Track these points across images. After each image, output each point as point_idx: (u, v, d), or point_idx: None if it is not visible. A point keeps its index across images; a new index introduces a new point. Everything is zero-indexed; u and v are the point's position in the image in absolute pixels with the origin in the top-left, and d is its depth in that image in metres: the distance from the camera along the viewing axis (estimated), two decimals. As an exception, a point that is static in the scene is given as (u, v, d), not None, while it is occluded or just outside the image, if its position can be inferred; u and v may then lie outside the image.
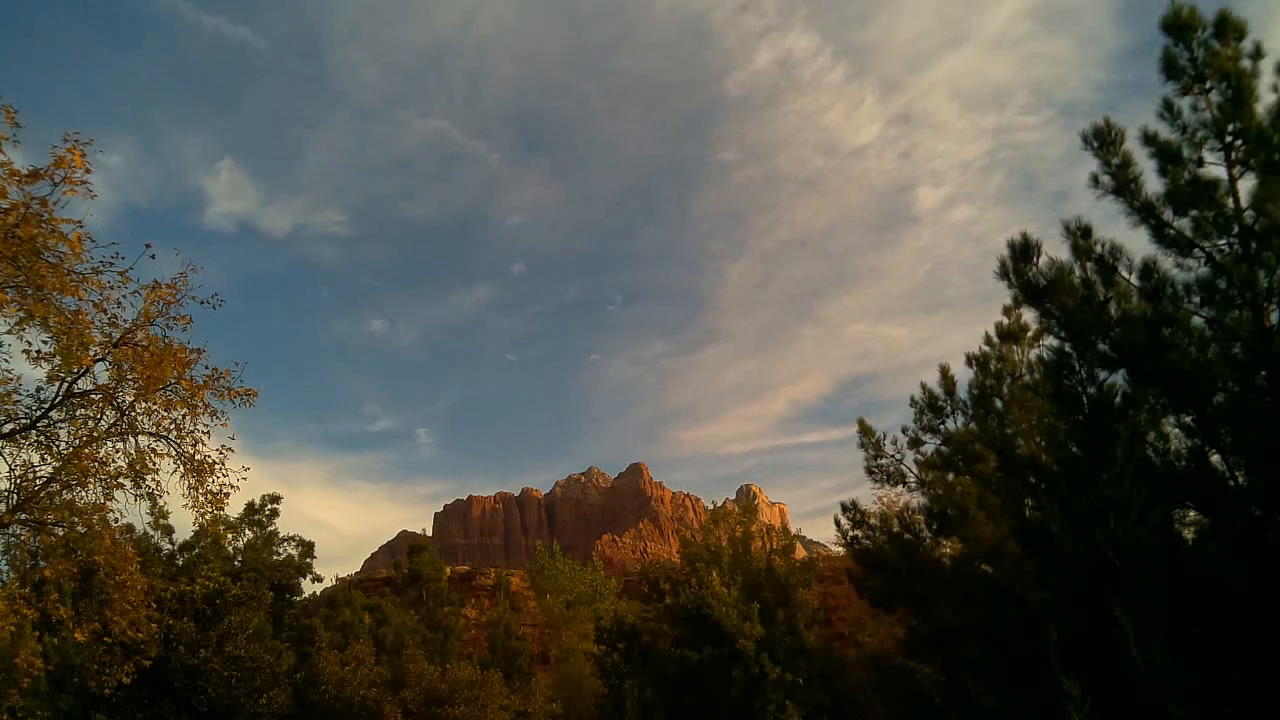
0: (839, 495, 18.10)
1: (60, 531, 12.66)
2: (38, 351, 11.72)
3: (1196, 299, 9.81)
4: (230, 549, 27.26)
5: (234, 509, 28.55)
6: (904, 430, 16.30)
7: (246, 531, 28.29)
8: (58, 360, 11.80)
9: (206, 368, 13.03)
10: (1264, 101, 9.52)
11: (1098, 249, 10.48)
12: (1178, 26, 9.80)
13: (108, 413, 12.53)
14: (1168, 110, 9.89)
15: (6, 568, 13.66)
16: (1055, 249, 10.95)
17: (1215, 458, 9.86)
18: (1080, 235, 10.63)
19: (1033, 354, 15.01)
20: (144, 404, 12.54)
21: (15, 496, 12.34)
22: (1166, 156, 9.92)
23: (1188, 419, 9.94)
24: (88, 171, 11.40)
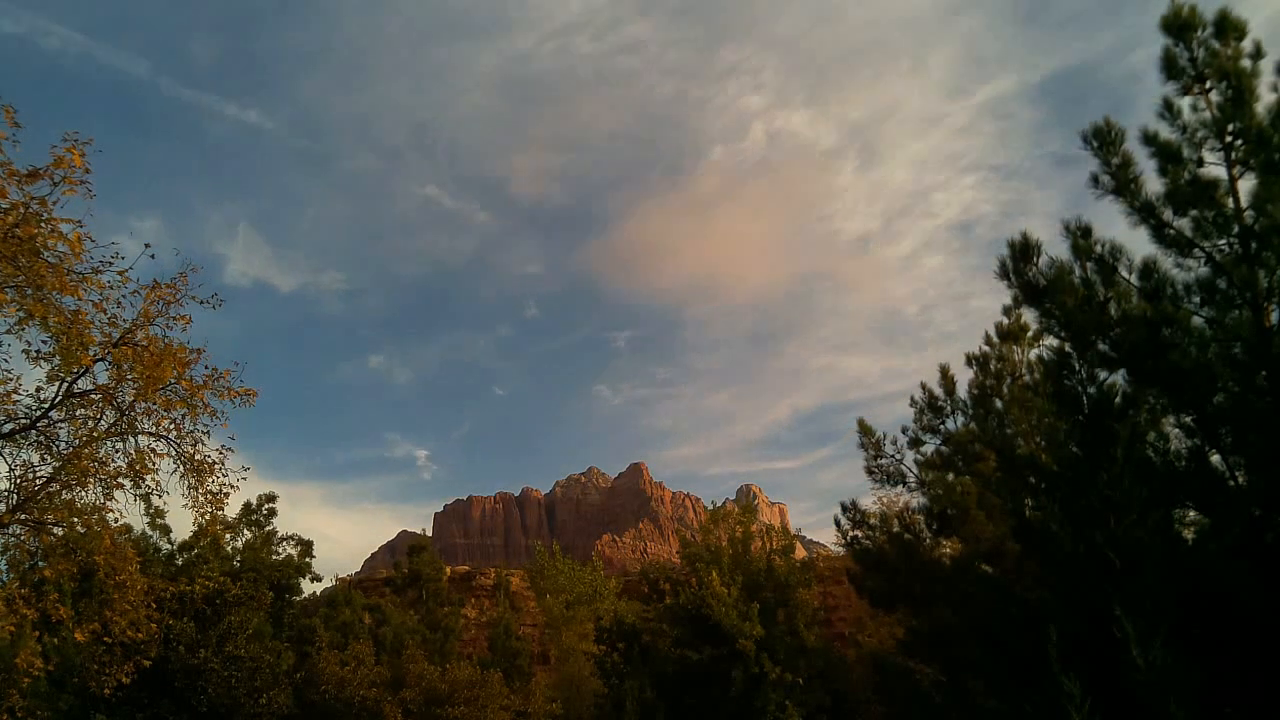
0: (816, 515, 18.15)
1: (60, 531, 12.65)
2: (37, 351, 11.71)
3: (1196, 299, 9.81)
4: (229, 549, 27.24)
5: (232, 509, 28.56)
6: (904, 430, 16.30)
7: (245, 531, 28.27)
8: (57, 360, 11.79)
9: (206, 367, 13.03)
10: (1264, 101, 9.52)
11: (1098, 249, 10.48)
12: (1178, 26, 9.80)
13: (107, 413, 12.52)
14: (1168, 110, 9.89)
15: (6, 568, 13.67)
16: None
17: (1215, 458, 9.86)
18: (1080, 235, 10.62)
19: (1033, 354, 15.02)
20: (144, 404, 12.53)
21: (15, 496, 12.33)
22: (1166, 156, 9.92)
23: (1188, 419, 9.94)
24: (87, 171, 11.40)
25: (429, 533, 55.23)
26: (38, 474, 12.47)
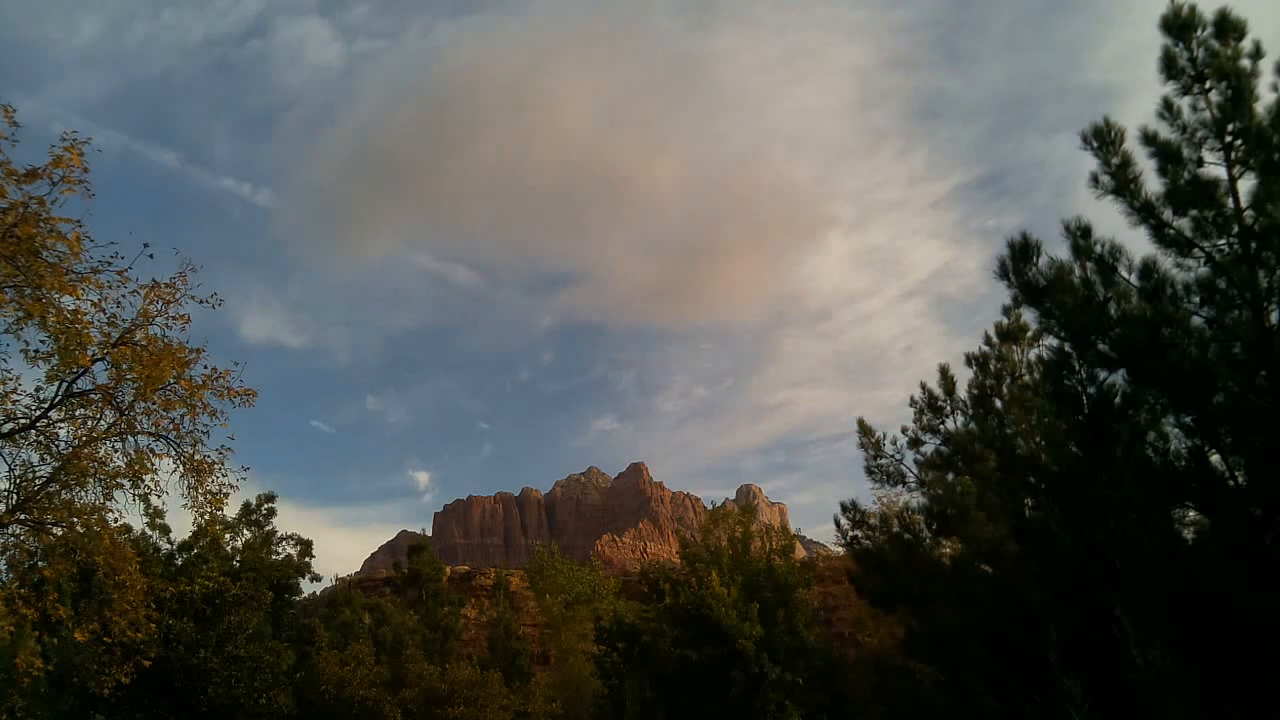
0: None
1: (60, 531, 12.63)
2: (36, 351, 11.70)
3: (1196, 299, 9.80)
4: (229, 549, 27.22)
5: (231, 509, 28.53)
6: (904, 430, 16.31)
7: (245, 531, 28.25)
8: (56, 360, 11.78)
9: (205, 367, 13.01)
10: (1264, 101, 9.51)
11: (1097, 249, 10.46)
12: (1178, 26, 9.80)
13: (107, 413, 12.51)
14: (1167, 110, 9.88)
15: (6, 567, 13.65)
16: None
17: (1215, 458, 9.85)
18: (1080, 235, 10.61)
19: (1033, 354, 15.01)
20: (143, 404, 12.52)
21: (15, 496, 12.32)
22: (1166, 156, 9.91)
23: (1188, 419, 9.92)
24: (85, 171, 11.39)
25: (429, 533, 55.22)
26: (37, 474, 12.46)
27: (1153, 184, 10.05)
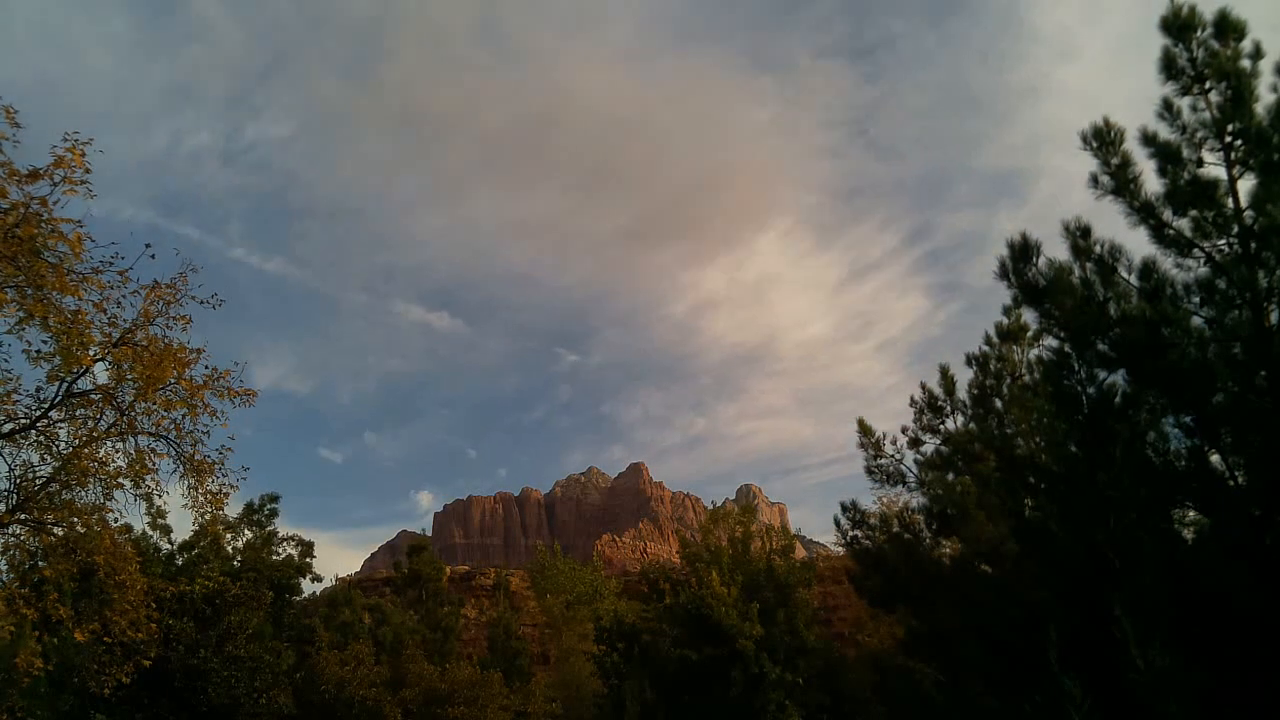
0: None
1: (60, 531, 12.64)
2: (37, 351, 11.70)
3: (1196, 299, 9.80)
4: (229, 549, 27.22)
5: (232, 509, 28.54)
6: (904, 430, 16.32)
7: (245, 531, 28.25)
8: (57, 360, 11.78)
9: (206, 368, 13.03)
10: (1264, 101, 9.51)
11: (1097, 249, 10.47)
12: (1177, 26, 9.80)
13: (107, 413, 12.52)
14: (1167, 110, 9.88)
15: (6, 567, 13.65)
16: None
17: (1215, 458, 9.85)
18: (1080, 235, 10.62)
19: (1033, 354, 15.01)
20: (144, 404, 12.53)
21: (15, 496, 12.32)
22: (1166, 156, 9.91)
23: (1188, 419, 9.93)
24: (87, 171, 11.39)
25: (429, 533, 55.18)
26: (38, 474, 12.46)
27: (1152, 184, 10.07)
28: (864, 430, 16.78)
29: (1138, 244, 10.76)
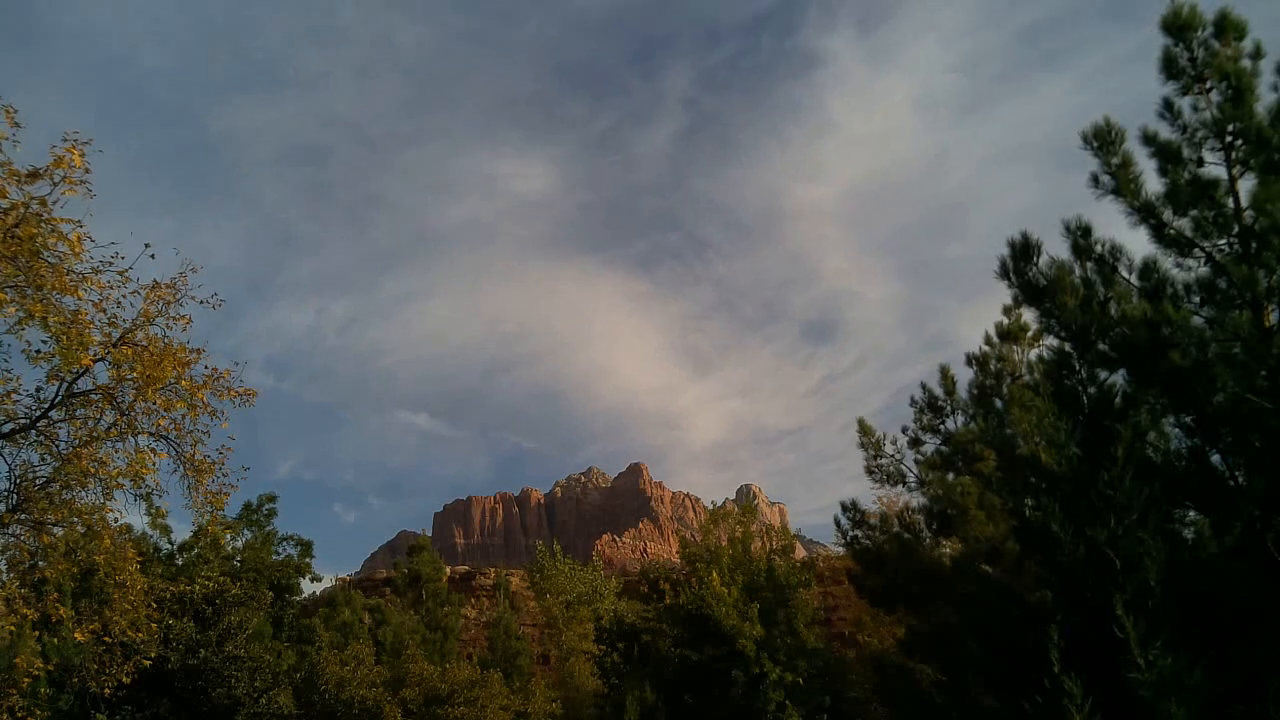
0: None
1: (60, 532, 12.63)
2: (37, 351, 11.70)
3: (1196, 299, 9.81)
4: (229, 549, 27.23)
5: (232, 509, 28.54)
6: (904, 430, 16.32)
7: (245, 531, 28.27)
8: (57, 360, 11.78)
9: (206, 367, 13.03)
10: (1264, 101, 9.51)
11: (1098, 249, 10.47)
12: (1177, 26, 9.81)
13: (107, 413, 12.51)
14: (1168, 110, 9.89)
15: (6, 567, 13.65)
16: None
17: (1215, 458, 9.85)
18: (1080, 235, 10.62)
19: (1033, 354, 15.02)
20: (144, 404, 12.53)
21: (15, 496, 12.32)
22: (1166, 156, 9.91)
23: (1188, 419, 9.93)
24: (87, 171, 11.39)
25: (429, 533, 55.17)
26: (38, 474, 12.45)
27: (1153, 184, 10.07)
28: (864, 430, 16.78)
29: (1138, 244, 10.78)
